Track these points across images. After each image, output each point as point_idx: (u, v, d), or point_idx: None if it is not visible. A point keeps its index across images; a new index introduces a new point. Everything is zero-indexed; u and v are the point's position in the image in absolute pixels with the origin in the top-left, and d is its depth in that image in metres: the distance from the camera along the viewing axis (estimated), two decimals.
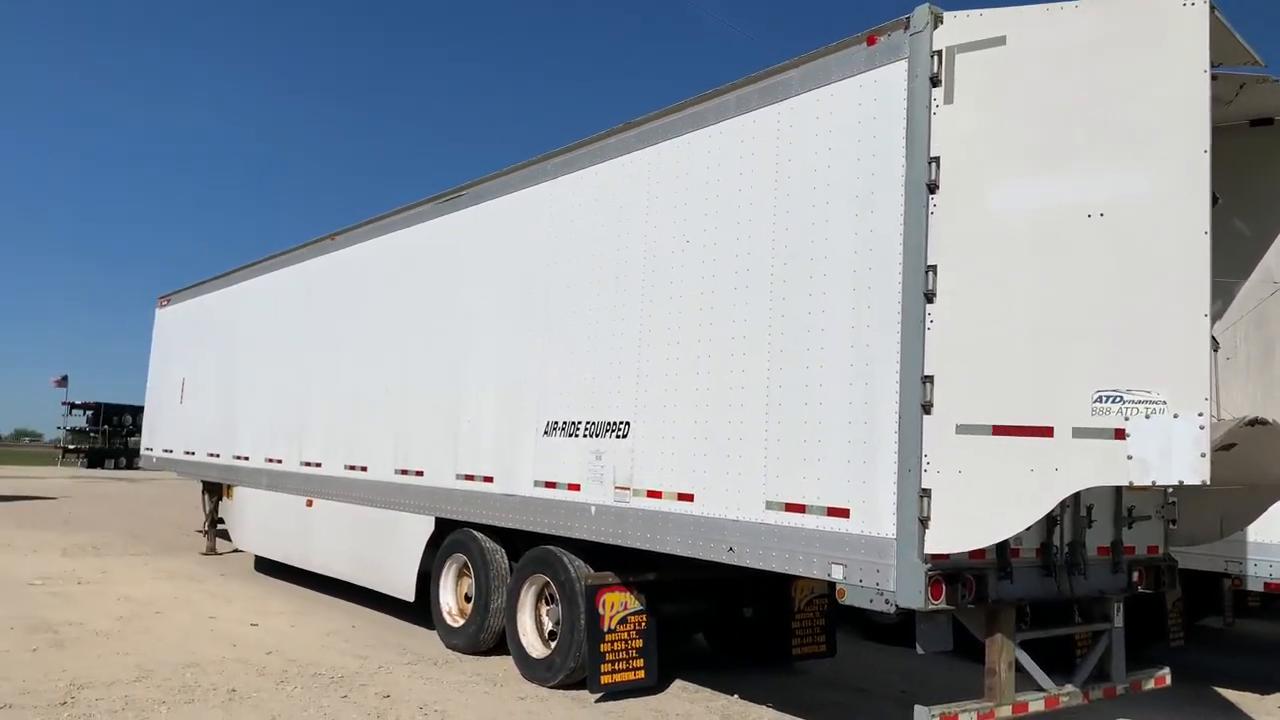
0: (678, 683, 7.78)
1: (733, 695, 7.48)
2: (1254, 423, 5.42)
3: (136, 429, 49.99)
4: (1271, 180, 6.41)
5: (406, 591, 9.20)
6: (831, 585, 8.30)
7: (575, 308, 7.63)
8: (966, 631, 5.56)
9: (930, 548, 4.99)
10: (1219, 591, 9.00)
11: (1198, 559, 7.91)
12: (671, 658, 7.83)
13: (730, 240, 6.35)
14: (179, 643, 8.31)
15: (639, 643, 7.32)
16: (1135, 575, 6.23)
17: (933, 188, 5.19)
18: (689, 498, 6.43)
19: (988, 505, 4.87)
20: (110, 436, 49.26)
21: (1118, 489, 6.06)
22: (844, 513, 5.41)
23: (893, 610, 5.14)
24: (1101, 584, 6.03)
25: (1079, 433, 4.63)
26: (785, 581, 8.07)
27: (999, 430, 4.86)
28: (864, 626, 10.03)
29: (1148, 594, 6.40)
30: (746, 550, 5.99)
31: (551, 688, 7.41)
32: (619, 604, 7.26)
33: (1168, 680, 6.33)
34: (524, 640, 7.84)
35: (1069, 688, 5.74)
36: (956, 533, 4.94)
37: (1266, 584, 7.75)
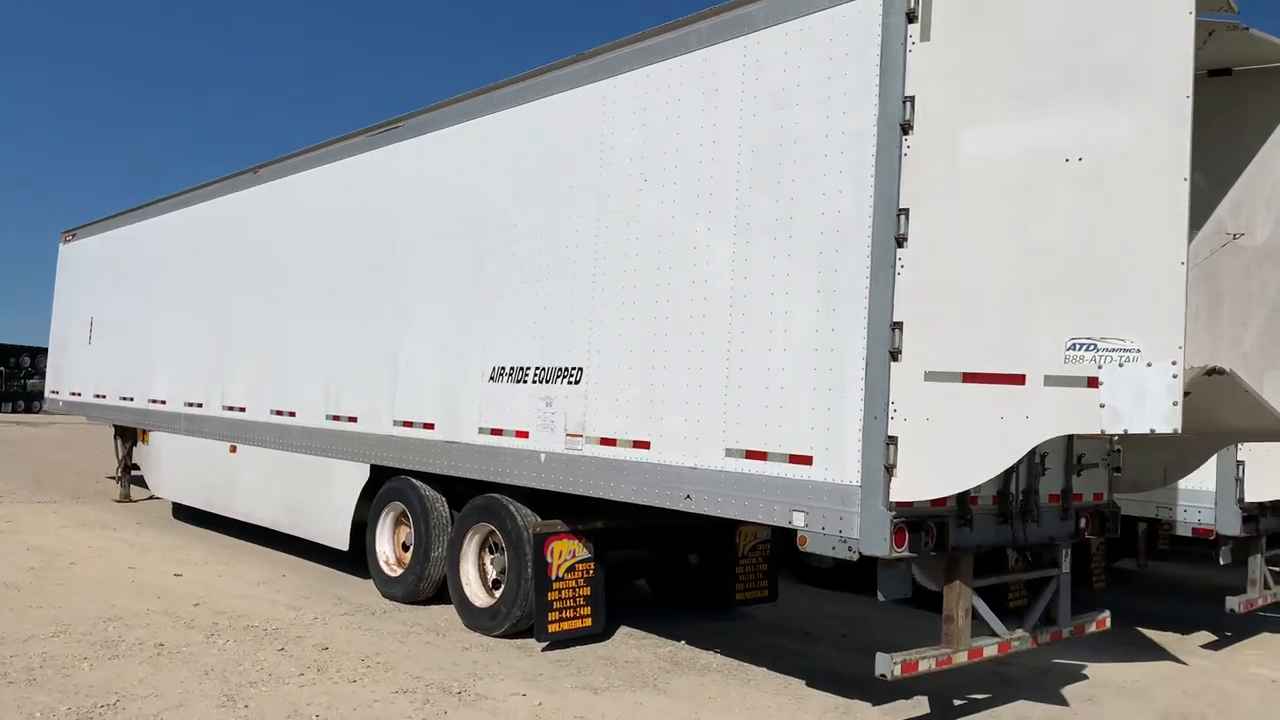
0: (623, 629, 7.70)
1: (680, 641, 7.43)
2: (1212, 372, 5.49)
3: (35, 371, 47.54)
4: (1225, 132, 6.44)
5: (340, 540, 8.90)
6: (775, 531, 8.44)
7: (522, 248, 7.33)
8: None
9: (896, 495, 4.93)
10: (1134, 535, 9.32)
11: (1127, 504, 8.12)
12: (615, 604, 7.74)
13: (691, 179, 6.12)
14: (98, 595, 7.88)
15: (587, 590, 7.20)
16: (1083, 522, 6.33)
17: (906, 128, 5.05)
18: (645, 445, 6.27)
19: (956, 453, 4.83)
20: (7, 379, 46.82)
21: (1070, 437, 6.11)
22: (806, 460, 5.32)
23: (855, 557, 5.10)
24: (1052, 531, 6.11)
25: (1051, 380, 4.59)
26: (730, 528, 8.04)
27: (969, 378, 4.80)
28: (800, 571, 10.11)
29: (1090, 540, 6.52)
30: (704, 498, 5.88)
31: (496, 636, 7.25)
32: (567, 552, 7.11)
33: (1108, 623, 6.50)
34: (467, 590, 7.64)
35: (1019, 632, 5.82)
36: (923, 480, 4.90)
37: (1195, 529, 8.01)
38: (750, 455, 5.62)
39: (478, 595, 7.60)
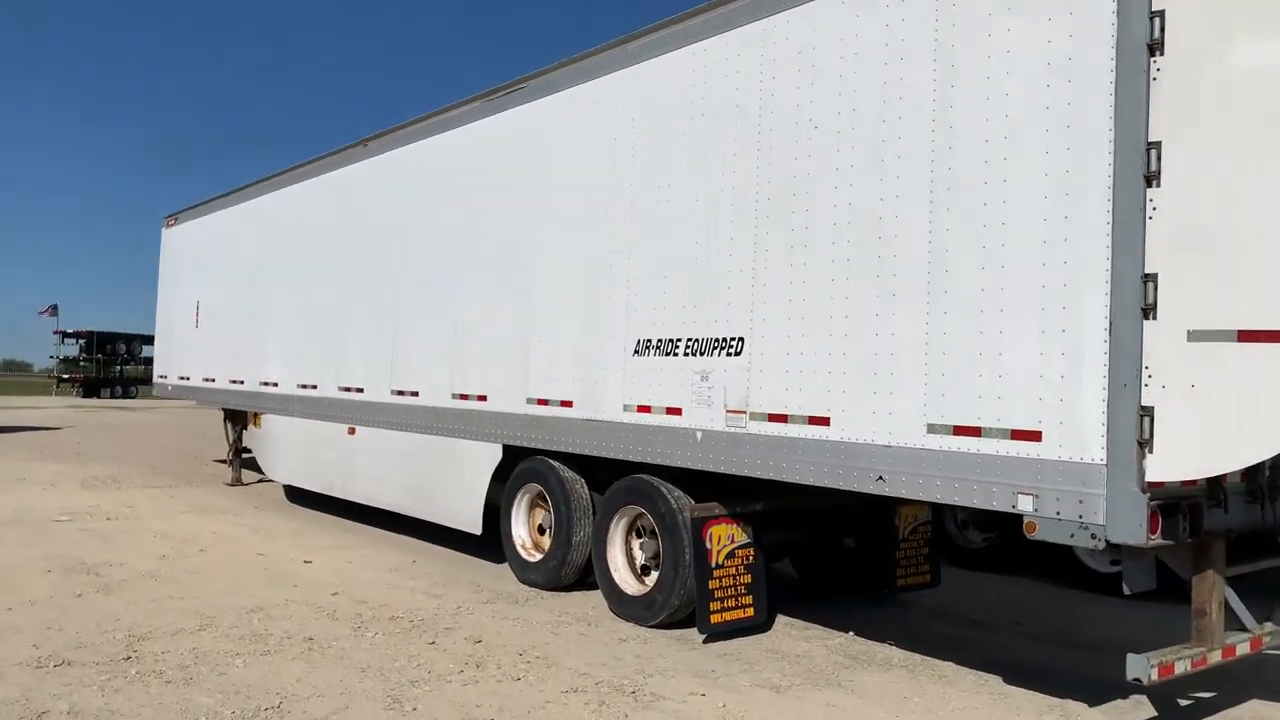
0: (782, 619, 7.18)
1: (848, 632, 6.87)
2: None
3: (131, 357, 48.97)
4: None
5: (472, 524, 8.52)
6: (936, 510, 7.82)
7: (669, 209, 6.77)
8: (1042, 551, 4.83)
9: (1152, 475, 4.27)
10: None
11: None
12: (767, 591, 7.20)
13: (874, 122, 5.47)
14: (235, 584, 7.64)
15: (747, 578, 6.68)
16: None
17: (1155, 49, 4.33)
18: (823, 421, 5.68)
19: (1232, 424, 4.15)
20: (104, 365, 48.27)
21: None
22: (1034, 435, 4.68)
23: (1101, 546, 4.45)
24: None
25: None
26: (889, 509, 7.44)
27: (1246, 336, 4.11)
28: (949, 552, 9.47)
29: None
30: (901, 479, 5.27)
31: (651, 627, 6.79)
32: (726, 537, 6.60)
33: None
34: (615, 576, 7.18)
35: (1270, 626, 5.11)
36: (1187, 457, 4.23)
37: None
38: (959, 431, 4.99)
39: (627, 582, 7.14)
